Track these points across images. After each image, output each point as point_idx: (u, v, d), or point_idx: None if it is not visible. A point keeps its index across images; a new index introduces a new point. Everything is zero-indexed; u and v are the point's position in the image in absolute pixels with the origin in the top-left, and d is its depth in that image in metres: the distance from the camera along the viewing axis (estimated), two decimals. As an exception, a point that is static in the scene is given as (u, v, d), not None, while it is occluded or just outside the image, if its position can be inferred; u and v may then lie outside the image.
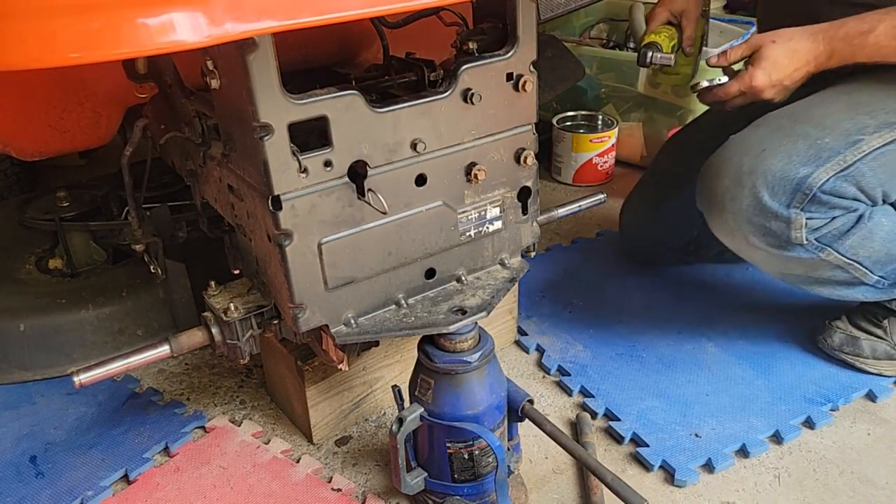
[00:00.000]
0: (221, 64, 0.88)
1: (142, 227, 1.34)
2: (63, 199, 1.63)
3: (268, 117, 0.86)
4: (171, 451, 1.29)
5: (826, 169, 1.16)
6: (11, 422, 1.38)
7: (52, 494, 1.20)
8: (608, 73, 2.42)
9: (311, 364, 1.23)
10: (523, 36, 1.02)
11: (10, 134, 1.29)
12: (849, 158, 1.16)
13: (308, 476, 1.23)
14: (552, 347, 1.53)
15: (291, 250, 0.95)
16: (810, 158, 1.16)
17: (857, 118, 1.19)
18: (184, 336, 1.09)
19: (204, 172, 1.16)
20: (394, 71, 1.23)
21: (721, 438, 1.27)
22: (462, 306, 1.07)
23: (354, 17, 0.74)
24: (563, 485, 1.21)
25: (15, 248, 1.68)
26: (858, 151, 1.16)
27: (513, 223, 1.15)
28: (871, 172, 1.18)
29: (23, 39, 0.60)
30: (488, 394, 1.05)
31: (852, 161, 1.16)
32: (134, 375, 1.50)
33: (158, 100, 1.22)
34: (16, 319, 1.46)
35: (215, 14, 0.65)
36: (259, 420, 1.38)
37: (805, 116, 1.21)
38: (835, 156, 1.16)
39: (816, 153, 1.16)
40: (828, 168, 1.16)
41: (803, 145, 1.17)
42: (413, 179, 1.02)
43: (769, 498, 1.18)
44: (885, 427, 1.31)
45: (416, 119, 0.98)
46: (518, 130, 1.09)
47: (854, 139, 1.17)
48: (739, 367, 1.44)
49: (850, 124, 1.18)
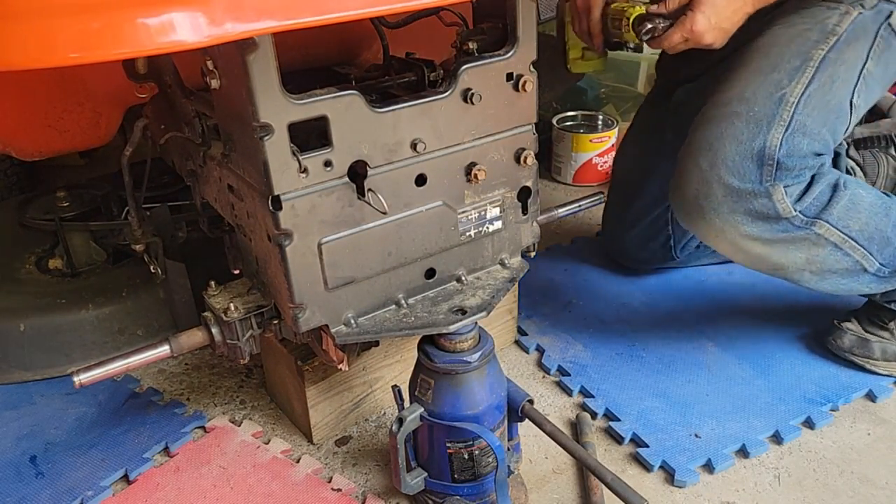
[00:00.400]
0: (221, 64, 0.89)
1: (142, 227, 1.34)
2: (63, 199, 1.63)
3: (268, 117, 0.86)
4: (171, 451, 1.29)
5: (773, 134, 1.18)
6: (11, 422, 1.38)
7: (52, 494, 1.20)
8: (608, 73, 2.42)
9: (311, 364, 1.23)
10: (523, 36, 1.02)
11: (10, 134, 1.29)
12: (784, 115, 1.19)
13: (308, 476, 1.23)
14: (552, 347, 1.53)
15: (291, 250, 0.95)
16: (754, 132, 1.19)
17: (769, 77, 1.22)
18: (184, 336, 1.09)
19: (204, 172, 1.16)
20: (394, 71, 1.23)
21: (721, 439, 1.27)
22: (462, 306, 1.07)
23: (354, 17, 0.74)
24: (563, 485, 1.21)
25: (15, 248, 1.68)
26: (788, 105, 1.20)
27: (513, 223, 1.15)
28: (809, 119, 1.21)
29: (23, 39, 0.60)
30: (488, 394, 1.05)
31: (789, 116, 1.20)
32: (134, 375, 1.50)
33: (158, 100, 1.22)
34: (16, 319, 1.46)
35: (215, 14, 0.65)
36: (259, 420, 1.38)
37: (726, 99, 1.23)
38: (773, 119, 1.19)
39: (756, 124, 1.19)
40: (774, 132, 1.19)
41: (741, 124, 1.20)
42: (413, 179, 1.02)
43: (769, 498, 1.18)
44: (885, 427, 1.31)
45: (416, 119, 0.98)
46: (518, 130, 1.09)
47: (778, 97, 1.20)
48: (739, 367, 1.44)
49: (767, 87, 1.22)
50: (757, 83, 1.23)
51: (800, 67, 1.22)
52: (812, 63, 1.23)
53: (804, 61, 1.23)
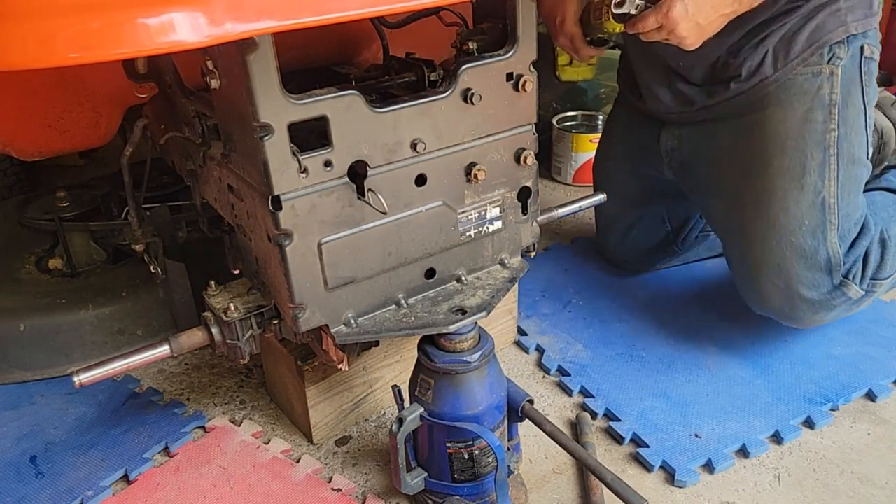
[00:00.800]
0: (221, 64, 0.89)
1: (142, 227, 1.34)
2: (63, 199, 1.63)
3: (268, 117, 0.86)
4: (171, 451, 1.29)
5: (830, 240, 1.29)
6: (11, 422, 1.38)
7: (52, 494, 1.20)
8: (608, 73, 2.42)
9: (311, 364, 1.23)
10: (523, 36, 1.02)
11: (10, 134, 1.29)
12: (832, 219, 1.29)
13: (308, 476, 1.23)
14: (552, 347, 1.53)
15: (291, 250, 0.95)
16: (814, 245, 1.28)
17: (804, 183, 1.29)
18: (184, 336, 1.09)
19: (204, 172, 1.16)
20: (394, 71, 1.23)
21: (721, 439, 1.27)
22: (462, 306, 1.07)
23: (354, 17, 0.74)
24: (563, 485, 1.21)
25: (15, 248, 1.68)
26: (831, 207, 1.29)
27: (513, 223, 1.15)
28: (849, 205, 1.31)
29: (23, 39, 0.60)
30: (488, 394, 1.05)
31: (836, 217, 1.29)
32: (134, 375, 1.50)
33: (158, 100, 1.22)
34: (16, 319, 1.46)
35: (215, 14, 0.65)
36: (259, 420, 1.38)
37: (772, 214, 1.31)
38: (824, 226, 1.29)
39: (812, 236, 1.28)
40: (830, 238, 1.29)
41: (799, 240, 1.29)
42: (413, 179, 1.02)
43: (769, 498, 1.18)
44: (885, 427, 1.31)
45: (416, 119, 0.98)
46: (518, 130, 1.09)
47: (819, 202, 1.29)
48: (739, 367, 1.44)
49: (807, 195, 1.29)
50: (795, 192, 1.28)
51: (824, 161, 1.28)
52: (832, 150, 1.29)
53: (825, 151, 1.28)
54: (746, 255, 1.35)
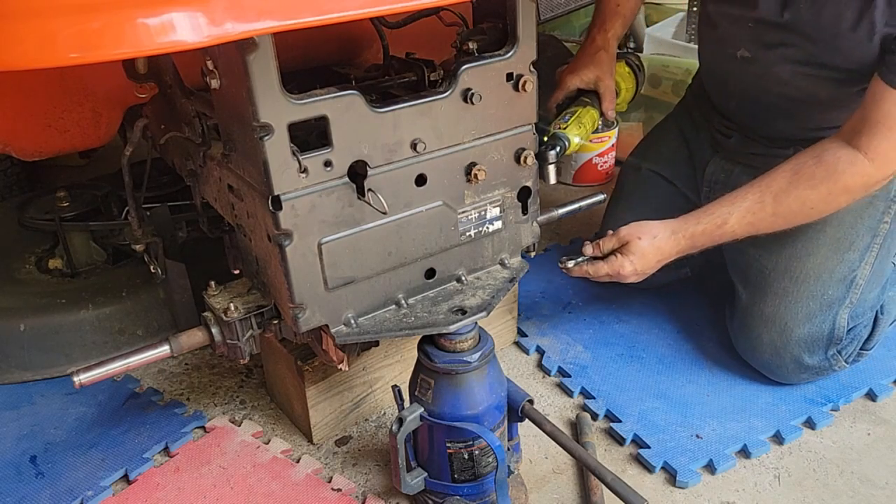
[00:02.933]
0: (221, 64, 0.88)
1: (142, 227, 1.34)
2: (63, 199, 1.63)
3: (268, 117, 0.86)
4: (171, 451, 1.29)
5: (841, 314, 1.32)
6: (11, 422, 1.38)
7: (52, 494, 1.20)
8: (608, 73, 2.41)
9: (311, 364, 1.23)
10: (523, 36, 1.02)
11: (10, 134, 1.29)
12: (853, 298, 1.33)
13: (308, 476, 1.23)
14: (552, 349, 1.53)
15: (291, 250, 0.95)
16: (825, 314, 1.31)
17: (846, 257, 1.32)
18: (184, 336, 1.09)
19: (204, 172, 1.16)
20: (394, 71, 1.23)
21: (722, 439, 1.27)
22: (462, 306, 1.07)
23: (354, 17, 0.74)
24: (563, 485, 1.21)
25: (15, 248, 1.68)
26: (857, 287, 1.33)
27: (513, 223, 1.15)
28: (870, 294, 1.35)
29: (23, 39, 0.60)
30: (488, 394, 1.05)
31: (857, 298, 1.33)
32: (134, 375, 1.50)
33: (158, 100, 1.22)
34: (16, 319, 1.45)
35: (215, 14, 0.65)
36: (259, 420, 1.38)
37: (803, 274, 1.33)
38: (843, 301, 1.32)
39: (828, 307, 1.31)
40: (841, 313, 1.32)
41: (815, 305, 1.31)
42: (413, 179, 1.02)
43: (769, 498, 1.18)
44: (885, 427, 1.31)
45: (416, 119, 0.98)
46: (518, 130, 1.09)
47: (850, 279, 1.32)
48: (740, 368, 1.44)
49: (842, 269, 1.32)
50: (833, 263, 1.32)
51: (869, 245, 1.34)
52: (879, 239, 1.34)
53: (873, 237, 1.34)
54: (758, 305, 1.36)
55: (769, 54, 1.29)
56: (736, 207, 1.19)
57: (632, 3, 1.47)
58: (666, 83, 2.31)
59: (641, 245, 1.21)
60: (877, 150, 1.12)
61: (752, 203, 1.18)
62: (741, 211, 1.19)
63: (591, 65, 1.41)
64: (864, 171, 1.14)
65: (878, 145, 1.12)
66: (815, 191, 1.16)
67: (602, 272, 1.24)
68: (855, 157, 1.14)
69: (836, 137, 1.18)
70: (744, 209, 1.19)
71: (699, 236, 1.21)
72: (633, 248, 1.21)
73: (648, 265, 1.23)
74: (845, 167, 1.14)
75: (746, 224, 1.20)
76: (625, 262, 1.22)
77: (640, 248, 1.21)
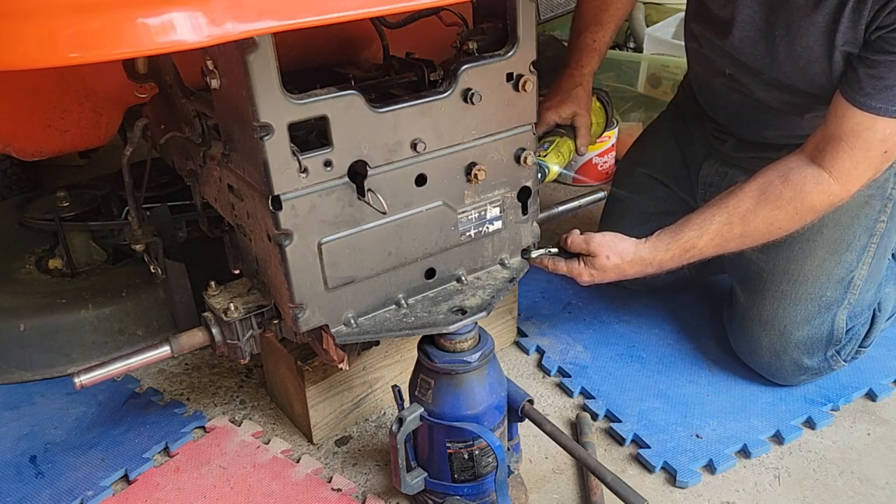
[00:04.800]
0: (221, 64, 0.88)
1: (142, 227, 1.34)
2: (63, 199, 1.63)
3: (268, 117, 0.86)
4: (171, 451, 1.29)
5: (839, 316, 1.33)
6: (11, 422, 1.38)
7: (52, 494, 1.20)
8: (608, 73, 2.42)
9: (311, 364, 1.23)
10: (523, 36, 1.02)
11: (10, 134, 1.29)
12: (851, 299, 1.34)
13: (308, 476, 1.23)
14: (552, 349, 1.53)
15: (291, 250, 0.95)
16: (824, 316, 1.32)
17: (843, 259, 1.33)
18: (184, 336, 1.09)
19: (204, 172, 1.16)
20: (394, 71, 1.23)
21: (722, 439, 1.27)
22: (462, 306, 1.07)
23: (354, 17, 0.74)
24: (563, 485, 1.21)
25: (15, 248, 1.68)
26: (855, 288, 1.34)
27: (513, 223, 1.15)
28: (867, 292, 1.36)
29: (23, 39, 0.60)
30: (488, 394, 1.05)
31: (855, 298, 1.34)
32: (134, 375, 1.50)
33: (158, 100, 1.22)
34: (16, 319, 1.45)
35: (215, 14, 0.65)
36: (259, 420, 1.38)
37: (801, 276, 1.34)
38: (841, 302, 1.33)
39: (827, 309, 1.32)
40: (840, 315, 1.33)
41: (813, 307, 1.32)
42: (413, 179, 1.02)
43: (769, 498, 1.18)
44: (885, 427, 1.31)
45: (416, 119, 0.98)
46: (518, 130, 1.09)
47: (847, 280, 1.34)
48: (740, 368, 1.44)
49: (840, 270, 1.33)
50: (830, 264, 1.33)
51: (866, 245, 1.35)
52: (875, 238, 1.35)
53: (870, 237, 1.35)
54: (756, 308, 1.37)
55: (748, 77, 1.31)
56: (704, 231, 1.20)
57: (607, 38, 1.49)
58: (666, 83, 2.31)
59: (606, 263, 1.22)
60: (840, 169, 1.13)
61: (720, 226, 1.20)
62: (710, 234, 1.20)
63: (569, 101, 1.43)
64: (830, 189, 1.15)
65: (842, 164, 1.13)
66: (782, 211, 1.17)
67: (560, 270, 1.25)
68: (820, 176, 1.15)
69: (801, 154, 1.19)
70: (712, 232, 1.20)
71: (668, 262, 1.23)
72: (597, 263, 1.23)
73: (606, 279, 1.25)
74: (811, 187, 1.15)
75: (715, 245, 1.21)
76: (584, 271, 1.23)
77: (603, 265, 1.22)
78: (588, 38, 1.48)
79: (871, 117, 1.09)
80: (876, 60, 1.09)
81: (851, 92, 1.11)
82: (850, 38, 1.11)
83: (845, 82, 1.13)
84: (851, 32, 1.11)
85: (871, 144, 1.11)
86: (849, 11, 1.09)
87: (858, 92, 1.10)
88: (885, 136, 1.10)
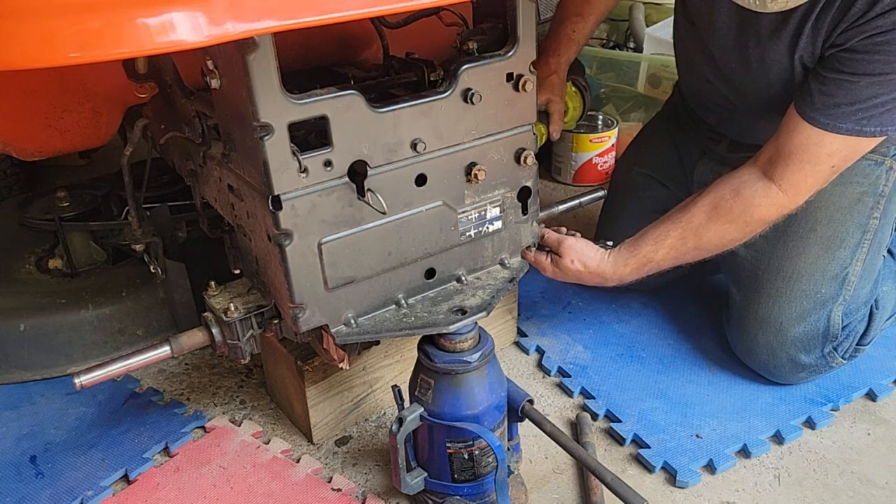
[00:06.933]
0: (221, 64, 0.89)
1: (142, 227, 1.34)
2: (63, 199, 1.63)
3: (268, 117, 0.86)
4: (171, 451, 1.29)
5: (835, 312, 1.33)
6: (11, 422, 1.38)
7: (52, 494, 1.20)
8: (608, 73, 2.42)
9: (311, 364, 1.23)
10: (523, 36, 1.02)
11: (10, 134, 1.29)
12: (846, 295, 1.34)
13: (308, 476, 1.23)
14: (552, 349, 1.53)
15: (291, 250, 0.95)
16: (819, 313, 1.33)
17: (836, 255, 1.34)
18: (184, 336, 1.09)
19: (204, 172, 1.16)
20: (394, 71, 1.23)
21: (722, 439, 1.27)
22: (462, 306, 1.07)
23: (354, 17, 0.74)
24: (563, 485, 1.21)
25: (15, 248, 1.68)
26: (849, 284, 1.34)
27: (513, 223, 1.15)
28: (863, 289, 1.36)
29: (23, 39, 0.60)
30: (488, 394, 1.05)
31: (849, 294, 1.34)
32: (134, 375, 1.50)
33: (158, 100, 1.22)
34: (16, 319, 1.45)
35: (215, 14, 0.65)
36: (259, 420, 1.38)
37: (795, 273, 1.34)
38: (836, 298, 1.33)
39: (822, 306, 1.33)
40: (835, 311, 1.33)
41: (808, 304, 1.33)
42: (413, 179, 1.02)
43: (769, 498, 1.18)
44: (885, 427, 1.31)
45: (416, 119, 0.98)
46: (518, 130, 1.09)
47: (842, 277, 1.34)
48: (739, 368, 1.44)
49: (834, 267, 1.33)
50: (825, 261, 1.33)
51: (860, 242, 1.35)
52: (868, 234, 1.35)
53: (863, 233, 1.35)
54: (752, 307, 1.37)
55: (727, 85, 1.33)
56: (660, 245, 1.24)
57: (587, 30, 1.52)
58: (666, 83, 2.30)
59: (569, 266, 1.25)
60: (790, 182, 1.16)
61: (675, 240, 1.23)
62: (665, 248, 1.24)
63: (544, 88, 1.46)
64: (779, 202, 1.18)
65: (791, 177, 1.15)
66: (733, 224, 1.20)
67: (528, 259, 1.27)
68: (769, 189, 1.17)
69: (753, 166, 1.21)
70: (668, 246, 1.23)
71: (627, 276, 1.26)
72: (561, 264, 1.25)
73: (566, 280, 1.28)
74: (761, 200, 1.18)
75: (671, 259, 1.25)
76: (548, 267, 1.26)
77: (566, 267, 1.25)
78: (568, 28, 1.51)
79: (819, 132, 1.11)
80: (827, 77, 1.11)
81: (803, 106, 1.13)
82: (808, 52, 1.14)
83: (799, 96, 1.15)
84: (810, 47, 1.13)
85: (819, 159, 1.13)
86: (809, 27, 1.11)
87: (809, 107, 1.12)
88: (831, 152, 1.12)
